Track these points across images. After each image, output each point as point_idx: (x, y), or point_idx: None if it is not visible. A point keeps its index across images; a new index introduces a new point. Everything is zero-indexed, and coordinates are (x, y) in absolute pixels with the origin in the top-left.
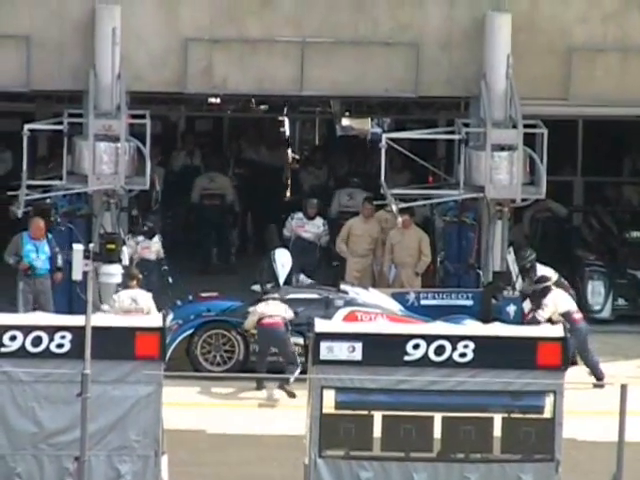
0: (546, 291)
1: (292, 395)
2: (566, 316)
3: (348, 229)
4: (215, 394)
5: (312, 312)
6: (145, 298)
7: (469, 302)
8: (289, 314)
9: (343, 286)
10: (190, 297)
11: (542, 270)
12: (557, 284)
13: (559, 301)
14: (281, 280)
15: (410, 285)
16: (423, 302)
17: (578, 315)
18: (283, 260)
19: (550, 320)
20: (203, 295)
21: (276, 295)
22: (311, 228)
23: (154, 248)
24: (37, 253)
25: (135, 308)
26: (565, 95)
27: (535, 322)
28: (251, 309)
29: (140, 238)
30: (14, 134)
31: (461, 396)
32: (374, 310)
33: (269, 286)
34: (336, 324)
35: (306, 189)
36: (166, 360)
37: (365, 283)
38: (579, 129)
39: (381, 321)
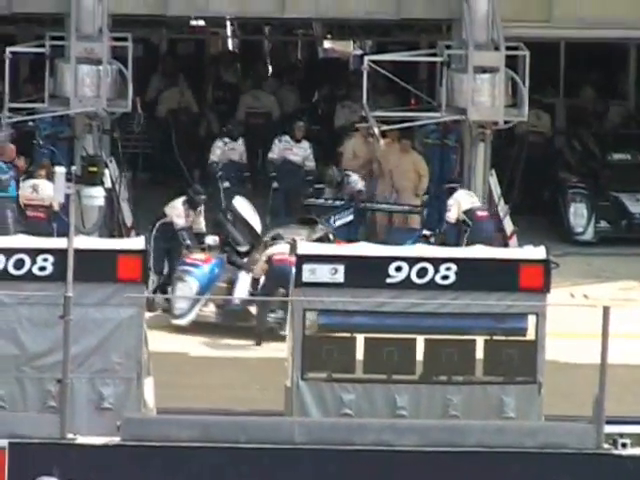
0: (451, 192)
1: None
2: (468, 213)
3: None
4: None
5: None
6: (46, 188)
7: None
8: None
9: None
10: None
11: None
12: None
13: (462, 199)
14: (259, 229)
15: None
16: (337, 222)
17: (482, 213)
18: (248, 210)
19: (458, 220)
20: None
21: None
22: (298, 151)
23: (239, 149)
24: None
25: (35, 197)
26: (547, 17)
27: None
28: (258, 256)
29: (227, 139)
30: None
31: (443, 318)
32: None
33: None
34: (318, 246)
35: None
36: None
37: None
38: (561, 51)
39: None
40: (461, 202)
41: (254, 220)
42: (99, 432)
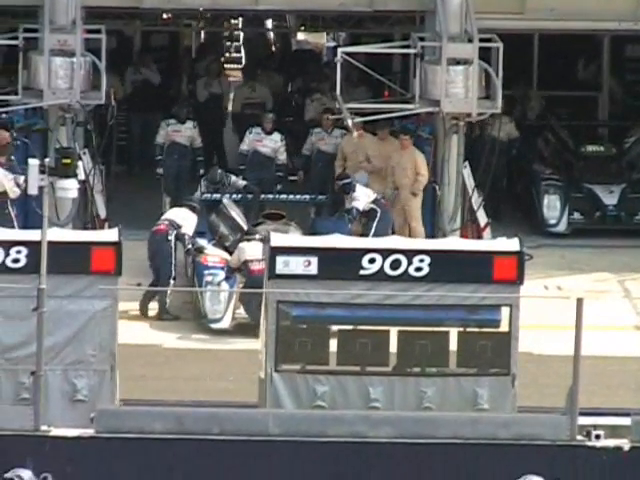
0: (352, 186)
1: None
2: (376, 202)
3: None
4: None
5: None
6: None
7: None
8: None
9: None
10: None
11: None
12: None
13: (368, 192)
14: (246, 226)
15: (408, 205)
16: None
17: (385, 202)
18: (235, 210)
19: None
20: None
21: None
22: (269, 143)
23: (186, 133)
24: None
25: None
26: (521, 9)
27: (356, 212)
28: (240, 245)
29: (172, 121)
30: None
31: (417, 310)
32: None
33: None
34: (292, 238)
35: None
36: None
37: None
38: (535, 43)
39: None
40: (369, 193)
41: (241, 219)
42: (73, 424)
